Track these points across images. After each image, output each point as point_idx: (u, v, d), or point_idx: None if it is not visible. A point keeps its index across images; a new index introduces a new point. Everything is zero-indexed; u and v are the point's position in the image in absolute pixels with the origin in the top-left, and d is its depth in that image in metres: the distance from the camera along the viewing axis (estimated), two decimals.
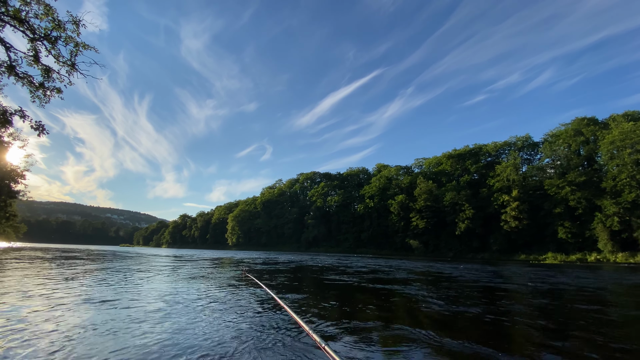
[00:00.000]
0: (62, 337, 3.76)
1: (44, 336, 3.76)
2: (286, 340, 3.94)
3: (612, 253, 43.48)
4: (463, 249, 61.66)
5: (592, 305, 7.46)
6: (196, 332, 4.19)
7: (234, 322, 4.80)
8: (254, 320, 4.94)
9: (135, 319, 4.74)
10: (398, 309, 6.27)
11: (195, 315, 5.25)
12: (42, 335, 3.78)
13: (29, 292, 6.84)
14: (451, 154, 72.88)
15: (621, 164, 44.70)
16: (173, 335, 3.97)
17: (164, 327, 4.37)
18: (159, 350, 3.42)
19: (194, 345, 3.62)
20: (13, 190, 39.95)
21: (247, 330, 4.35)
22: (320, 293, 8.35)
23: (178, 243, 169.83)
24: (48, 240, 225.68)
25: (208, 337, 3.99)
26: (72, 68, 12.92)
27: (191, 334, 4.08)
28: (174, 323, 4.60)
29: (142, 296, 6.86)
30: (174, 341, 3.75)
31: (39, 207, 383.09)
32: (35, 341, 3.58)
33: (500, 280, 13.28)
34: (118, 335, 3.93)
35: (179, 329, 4.31)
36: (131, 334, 4.01)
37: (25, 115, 13.28)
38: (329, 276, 13.12)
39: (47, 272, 11.65)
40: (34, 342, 3.53)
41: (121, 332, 4.07)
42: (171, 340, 3.80)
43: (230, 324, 4.69)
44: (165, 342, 3.70)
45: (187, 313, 5.34)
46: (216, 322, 4.82)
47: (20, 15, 11.73)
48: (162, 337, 3.91)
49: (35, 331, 3.96)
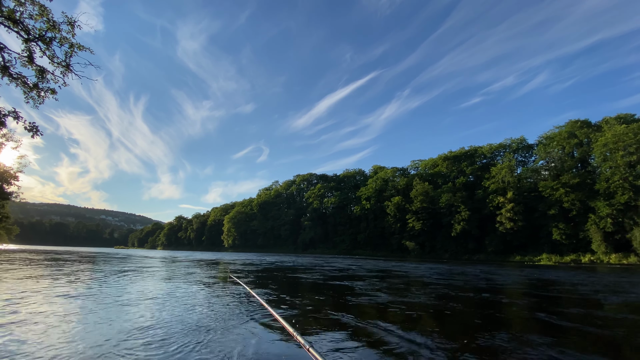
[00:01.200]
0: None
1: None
2: (270, 341, 3.98)
3: (606, 254, 43.91)
4: (459, 250, 61.93)
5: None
6: (174, 332, 4.24)
7: (215, 323, 4.83)
8: (238, 322, 4.96)
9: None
10: (367, 306, 6.37)
11: (173, 314, 5.34)
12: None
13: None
14: (447, 156, 73.28)
15: (614, 166, 45.24)
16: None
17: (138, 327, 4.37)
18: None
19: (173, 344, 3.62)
20: (6, 191, 39.45)
21: (232, 332, 4.37)
22: (302, 293, 8.38)
23: (173, 245, 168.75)
24: (41, 242, 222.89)
25: (181, 338, 3.99)
26: (66, 69, 12.81)
27: (170, 334, 4.11)
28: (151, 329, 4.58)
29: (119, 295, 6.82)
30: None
31: (32, 208, 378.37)
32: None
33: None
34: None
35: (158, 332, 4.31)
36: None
37: (19, 116, 13.13)
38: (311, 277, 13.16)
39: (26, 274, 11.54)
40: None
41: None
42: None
43: (211, 325, 4.70)
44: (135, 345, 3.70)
45: (164, 312, 5.39)
46: (194, 321, 4.87)
47: (14, 16, 11.62)
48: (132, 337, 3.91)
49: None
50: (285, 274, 15.31)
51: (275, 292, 8.76)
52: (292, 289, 9.88)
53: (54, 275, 11.52)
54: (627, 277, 17.70)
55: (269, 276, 13.66)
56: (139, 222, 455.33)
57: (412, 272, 17.60)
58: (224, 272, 14.94)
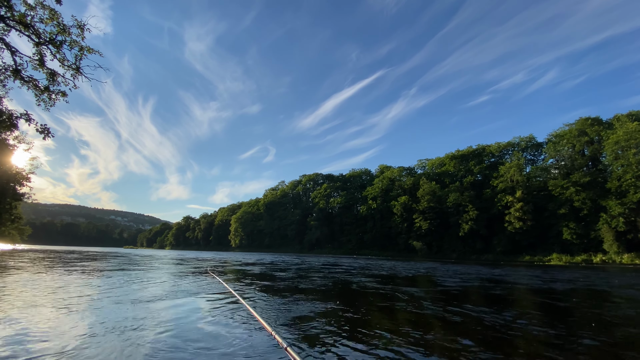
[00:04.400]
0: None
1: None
2: (248, 340, 3.98)
3: (618, 254, 43.05)
4: (467, 250, 61.34)
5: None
6: (152, 330, 4.30)
7: (195, 322, 4.86)
8: (215, 320, 4.98)
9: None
10: (355, 304, 6.30)
11: (148, 311, 5.44)
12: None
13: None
14: (454, 155, 72.62)
15: (626, 164, 44.31)
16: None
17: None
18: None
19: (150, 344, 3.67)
20: (18, 192, 40.20)
21: (210, 331, 4.39)
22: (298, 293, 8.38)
23: (181, 245, 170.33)
24: (52, 242, 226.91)
25: (163, 337, 4.02)
26: (76, 72, 13.02)
27: (144, 334, 4.14)
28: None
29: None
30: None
31: (43, 209, 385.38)
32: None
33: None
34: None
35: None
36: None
37: (30, 118, 13.39)
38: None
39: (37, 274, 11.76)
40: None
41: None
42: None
43: (191, 324, 4.73)
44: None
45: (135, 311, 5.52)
46: (172, 320, 4.90)
47: (25, 20, 11.84)
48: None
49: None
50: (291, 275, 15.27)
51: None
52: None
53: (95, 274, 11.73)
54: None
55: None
56: (148, 222, 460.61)
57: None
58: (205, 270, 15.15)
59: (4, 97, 14.43)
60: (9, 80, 12.83)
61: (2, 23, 11.70)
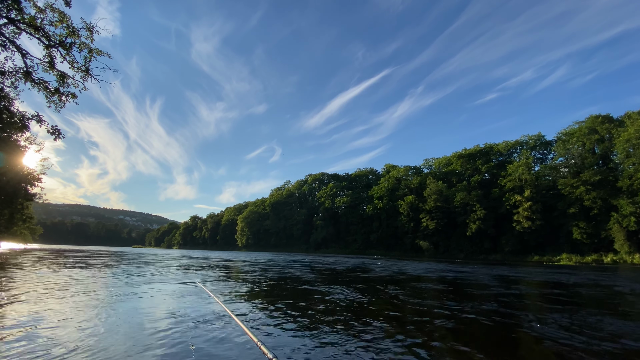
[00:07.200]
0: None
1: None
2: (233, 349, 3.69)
3: (629, 254, 42.23)
4: (474, 250, 60.76)
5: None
6: (131, 330, 4.25)
7: (175, 324, 4.67)
8: (199, 330, 4.46)
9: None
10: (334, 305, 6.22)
11: (127, 312, 5.36)
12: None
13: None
14: (461, 154, 71.92)
15: (637, 163, 43.41)
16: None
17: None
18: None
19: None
20: (29, 193, 40.86)
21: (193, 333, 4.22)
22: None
23: (189, 244, 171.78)
24: (63, 241, 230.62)
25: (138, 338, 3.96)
26: (86, 73, 13.22)
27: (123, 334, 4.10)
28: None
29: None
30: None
31: (54, 209, 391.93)
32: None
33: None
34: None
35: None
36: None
37: (41, 120, 13.64)
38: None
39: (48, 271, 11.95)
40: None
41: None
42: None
43: (171, 327, 4.53)
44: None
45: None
46: (151, 322, 4.76)
47: (35, 23, 12.05)
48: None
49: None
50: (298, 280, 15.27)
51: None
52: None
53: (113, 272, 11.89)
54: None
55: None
56: (156, 222, 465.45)
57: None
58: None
59: (16, 99, 14.73)
60: (20, 82, 13.08)
61: (12, 26, 11.94)
